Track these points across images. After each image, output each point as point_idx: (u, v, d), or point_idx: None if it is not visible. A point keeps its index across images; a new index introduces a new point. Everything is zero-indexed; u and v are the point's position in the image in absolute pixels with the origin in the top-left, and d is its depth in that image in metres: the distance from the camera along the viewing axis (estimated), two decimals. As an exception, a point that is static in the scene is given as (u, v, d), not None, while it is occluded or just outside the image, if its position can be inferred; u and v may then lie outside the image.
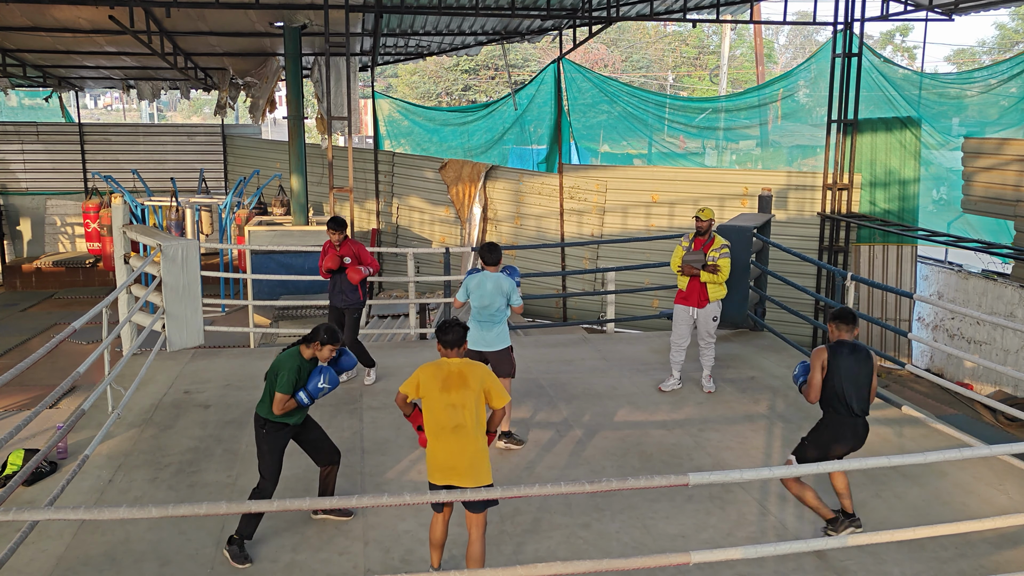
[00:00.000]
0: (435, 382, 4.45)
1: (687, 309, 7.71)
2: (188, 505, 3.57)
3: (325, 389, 5.03)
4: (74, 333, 5.62)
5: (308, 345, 5.06)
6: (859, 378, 5.01)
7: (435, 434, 4.43)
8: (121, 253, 8.40)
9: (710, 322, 7.69)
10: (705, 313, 7.66)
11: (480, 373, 4.50)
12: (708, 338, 7.75)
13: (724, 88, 30.29)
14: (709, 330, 7.72)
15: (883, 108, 14.01)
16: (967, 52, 45.59)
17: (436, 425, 4.42)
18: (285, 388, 4.94)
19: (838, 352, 5.05)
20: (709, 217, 7.55)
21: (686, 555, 3.96)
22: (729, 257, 7.57)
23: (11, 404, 9.22)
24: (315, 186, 17.94)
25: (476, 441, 4.41)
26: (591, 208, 15.72)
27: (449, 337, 4.53)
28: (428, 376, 4.49)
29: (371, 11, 12.75)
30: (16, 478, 4.84)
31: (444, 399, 4.40)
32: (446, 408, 4.39)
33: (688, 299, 7.69)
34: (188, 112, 55.50)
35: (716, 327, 7.78)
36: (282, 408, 4.98)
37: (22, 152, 20.38)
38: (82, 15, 12.11)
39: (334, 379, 5.08)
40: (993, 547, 5.07)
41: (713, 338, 7.78)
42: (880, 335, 13.38)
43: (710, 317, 7.68)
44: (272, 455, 5.06)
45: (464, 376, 4.45)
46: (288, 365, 4.99)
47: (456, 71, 43.23)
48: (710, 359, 7.84)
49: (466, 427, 4.38)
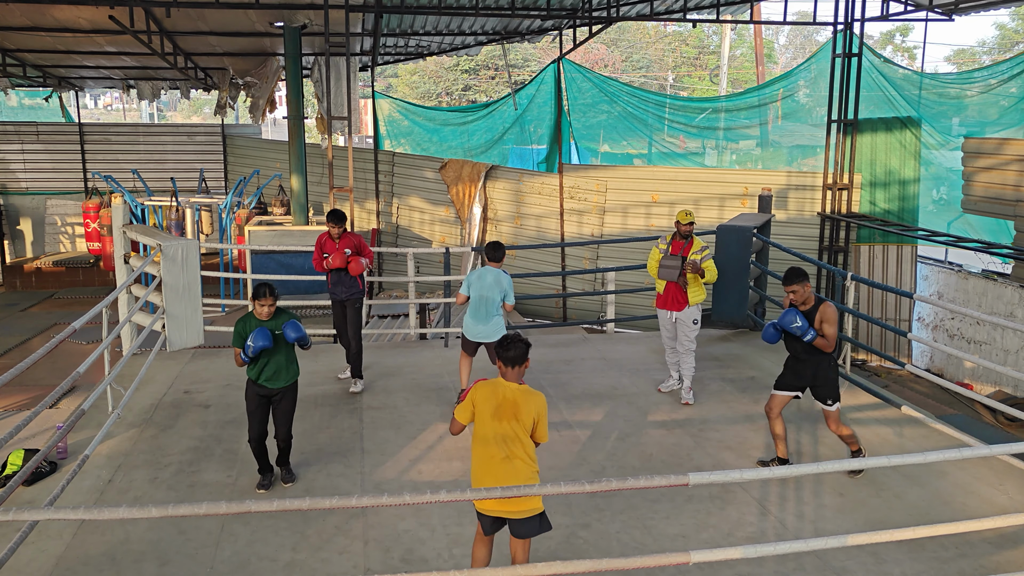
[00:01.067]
0: (488, 406, 4.19)
1: (667, 313, 7.63)
2: (188, 505, 3.57)
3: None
4: (74, 333, 5.61)
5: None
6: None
7: (484, 461, 4.19)
8: (121, 253, 8.40)
9: (690, 325, 7.53)
10: (684, 317, 7.53)
11: (535, 407, 4.21)
12: (688, 343, 7.56)
13: (724, 88, 30.29)
14: (688, 335, 7.54)
15: (883, 108, 14.01)
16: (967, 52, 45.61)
17: (486, 453, 4.18)
18: (234, 342, 5.68)
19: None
20: (690, 220, 7.44)
21: (686, 555, 3.95)
22: (712, 258, 7.50)
23: (11, 404, 9.22)
24: (315, 186, 17.94)
25: (527, 470, 4.18)
26: (591, 208, 15.71)
27: (511, 354, 4.20)
28: (482, 398, 4.22)
29: (371, 11, 12.75)
30: (16, 478, 4.83)
31: (495, 428, 4.16)
32: (496, 438, 4.16)
33: (665, 303, 7.61)
34: (188, 112, 55.50)
35: (697, 332, 7.59)
36: (237, 360, 5.69)
37: (22, 152, 20.38)
38: (82, 15, 12.11)
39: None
40: (993, 547, 5.07)
41: (693, 344, 7.59)
42: (880, 335, 13.38)
43: (689, 320, 7.52)
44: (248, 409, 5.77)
45: (518, 407, 4.17)
46: (239, 322, 5.71)
47: (456, 71, 43.23)
48: (690, 367, 7.63)
49: (517, 458, 4.16)
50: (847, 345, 8.38)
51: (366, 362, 8.67)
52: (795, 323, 5.78)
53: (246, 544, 5.06)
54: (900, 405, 7.43)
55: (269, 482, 5.87)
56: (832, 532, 5.08)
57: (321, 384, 8.00)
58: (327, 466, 6.19)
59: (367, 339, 12.11)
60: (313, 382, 8.03)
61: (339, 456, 6.37)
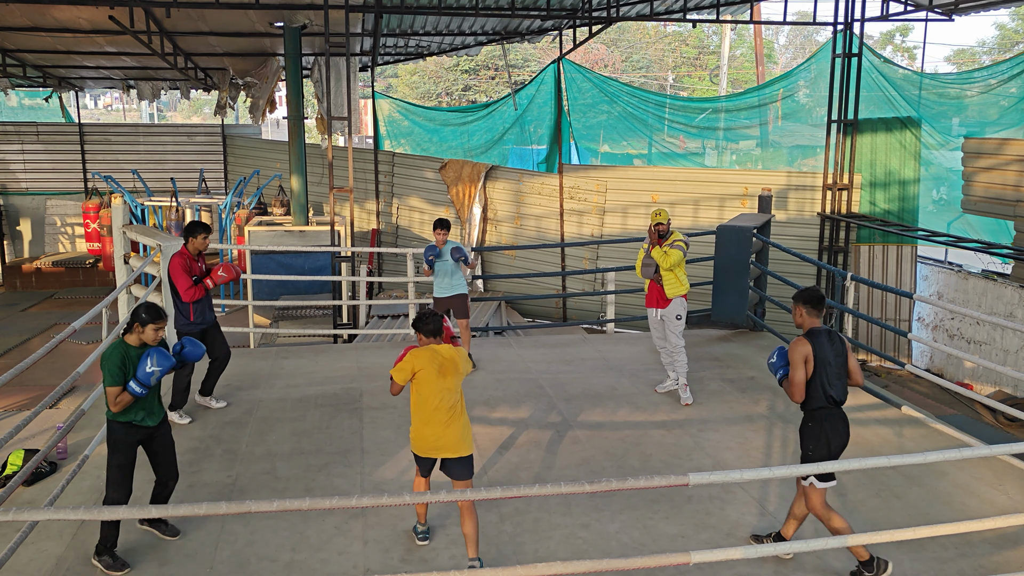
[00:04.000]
0: (432, 367, 4.71)
1: (653, 311, 7.70)
2: (188, 505, 3.57)
3: (155, 372, 4.62)
4: (74, 333, 5.62)
5: (131, 331, 4.74)
6: (840, 367, 4.68)
7: (427, 416, 4.72)
8: (121, 253, 8.41)
9: (674, 321, 7.53)
10: (668, 313, 7.55)
11: (463, 356, 4.89)
12: (676, 340, 7.55)
13: (724, 88, 30.30)
14: (675, 330, 7.54)
15: (883, 108, 14.01)
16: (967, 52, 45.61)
17: (429, 408, 4.71)
18: (111, 381, 4.60)
19: (818, 343, 4.62)
20: (664, 220, 7.42)
21: (686, 555, 3.96)
22: (680, 249, 7.42)
23: (11, 404, 9.22)
24: (315, 186, 17.95)
25: (463, 416, 4.81)
26: (591, 208, 15.71)
27: (431, 327, 4.82)
28: (425, 362, 4.72)
29: (371, 11, 12.75)
30: (16, 478, 4.84)
31: (441, 384, 4.71)
32: (442, 391, 4.71)
33: (650, 301, 7.68)
34: (188, 112, 55.50)
35: (682, 327, 7.58)
36: (117, 403, 4.61)
37: (22, 152, 20.38)
38: (82, 15, 12.11)
39: (164, 359, 4.68)
40: (993, 547, 5.07)
41: (681, 340, 7.57)
42: (880, 335, 13.38)
43: (673, 316, 7.53)
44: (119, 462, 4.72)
45: (455, 362, 4.79)
46: (110, 356, 4.65)
47: (456, 71, 43.23)
48: (683, 366, 7.60)
49: (457, 407, 4.76)
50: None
51: (366, 362, 8.68)
52: (771, 358, 4.86)
53: (246, 544, 5.06)
54: (900, 405, 7.43)
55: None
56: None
57: (321, 384, 8.00)
58: (327, 466, 6.19)
59: (367, 339, 12.12)
60: (313, 382, 8.04)
61: (339, 456, 6.37)
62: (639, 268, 7.63)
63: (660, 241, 7.52)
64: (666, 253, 7.38)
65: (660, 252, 7.41)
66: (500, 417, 7.12)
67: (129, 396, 4.64)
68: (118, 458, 4.75)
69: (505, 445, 6.53)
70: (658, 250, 7.42)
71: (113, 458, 4.75)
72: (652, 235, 7.49)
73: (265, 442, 6.61)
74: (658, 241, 7.51)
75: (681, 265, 7.48)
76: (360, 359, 8.88)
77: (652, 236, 7.49)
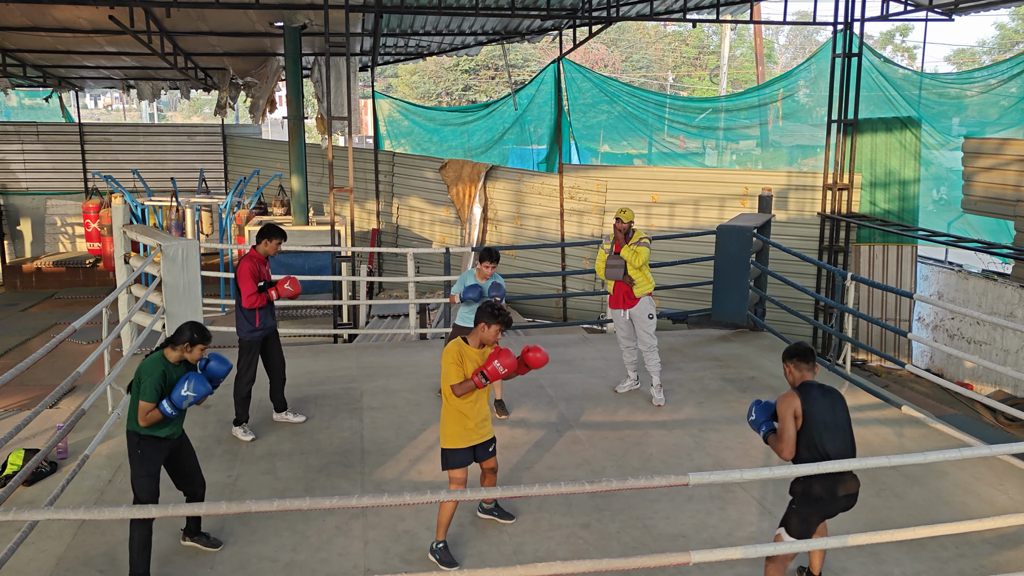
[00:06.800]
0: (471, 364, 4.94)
1: (619, 312, 7.60)
2: (188, 505, 3.57)
3: (190, 398, 4.56)
4: (74, 333, 5.62)
5: (175, 347, 4.67)
6: (839, 424, 4.31)
7: (476, 397, 4.98)
8: (121, 253, 8.41)
9: (645, 320, 7.46)
10: (637, 312, 7.48)
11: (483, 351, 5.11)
12: (648, 340, 7.48)
13: (724, 88, 30.29)
14: (647, 329, 7.47)
15: (883, 108, 14.01)
16: (967, 52, 45.62)
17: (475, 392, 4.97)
18: (149, 396, 4.53)
19: (809, 396, 4.30)
20: (629, 219, 7.37)
21: (686, 555, 3.96)
22: (646, 246, 7.34)
23: (11, 404, 9.21)
24: (315, 186, 17.95)
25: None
26: (591, 208, 15.72)
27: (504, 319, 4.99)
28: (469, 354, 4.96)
29: (371, 11, 12.75)
30: (16, 478, 4.84)
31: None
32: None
33: (617, 302, 7.57)
34: (188, 112, 55.50)
35: (654, 325, 7.52)
36: (146, 419, 4.55)
37: (22, 152, 20.37)
38: (82, 15, 12.11)
39: (202, 387, 4.61)
40: (993, 547, 5.07)
41: (654, 339, 7.49)
42: (880, 335, 13.38)
43: (644, 315, 7.46)
44: (149, 475, 4.66)
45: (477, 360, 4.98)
46: (151, 371, 4.58)
47: (456, 71, 43.23)
48: (656, 365, 7.53)
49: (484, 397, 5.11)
50: (847, 345, 8.39)
51: (366, 362, 8.68)
52: (750, 415, 4.56)
53: (246, 544, 5.06)
54: (900, 405, 7.43)
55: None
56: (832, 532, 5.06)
57: (321, 384, 8.00)
58: (327, 466, 6.19)
59: (367, 339, 12.12)
60: (313, 382, 8.04)
61: (339, 456, 6.37)
62: (602, 270, 7.49)
63: (626, 240, 7.45)
64: (635, 252, 7.30)
65: (630, 251, 7.31)
66: (500, 417, 7.12)
67: (159, 415, 4.58)
68: (151, 474, 4.69)
69: (505, 445, 6.52)
70: (627, 249, 7.33)
71: (145, 476, 4.67)
72: (619, 234, 7.41)
73: (265, 442, 6.62)
74: (624, 240, 7.46)
75: (647, 263, 7.44)
76: (360, 359, 8.89)
77: (619, 235, 7.41)
